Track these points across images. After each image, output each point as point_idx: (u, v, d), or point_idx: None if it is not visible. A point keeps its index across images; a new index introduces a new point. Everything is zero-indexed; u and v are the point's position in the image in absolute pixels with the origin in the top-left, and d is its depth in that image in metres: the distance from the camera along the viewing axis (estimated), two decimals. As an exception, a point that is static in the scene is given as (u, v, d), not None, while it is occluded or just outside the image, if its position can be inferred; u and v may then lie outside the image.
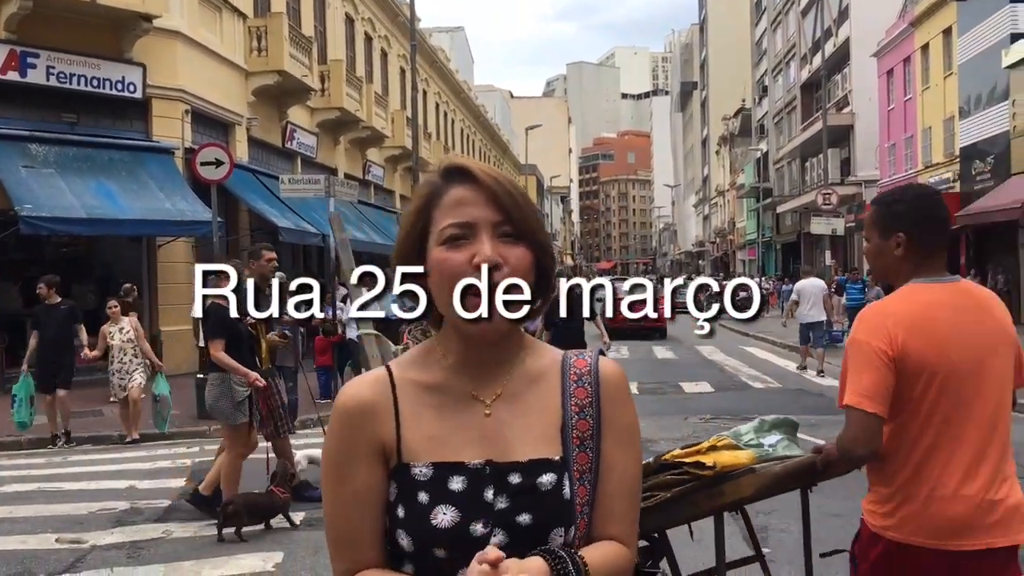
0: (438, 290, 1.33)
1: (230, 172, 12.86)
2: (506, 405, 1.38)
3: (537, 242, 1.34)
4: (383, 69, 32.89)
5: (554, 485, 1.34)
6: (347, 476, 1.36)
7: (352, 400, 1.38)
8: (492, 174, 1.35)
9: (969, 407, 2.48)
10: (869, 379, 2.47)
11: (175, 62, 17.23)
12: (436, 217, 1.34)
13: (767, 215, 57.15)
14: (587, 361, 1.43)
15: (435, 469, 1.34)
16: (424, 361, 1.42)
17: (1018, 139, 25.06)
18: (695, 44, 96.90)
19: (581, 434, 1.38)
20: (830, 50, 40.40)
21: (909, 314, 2.52)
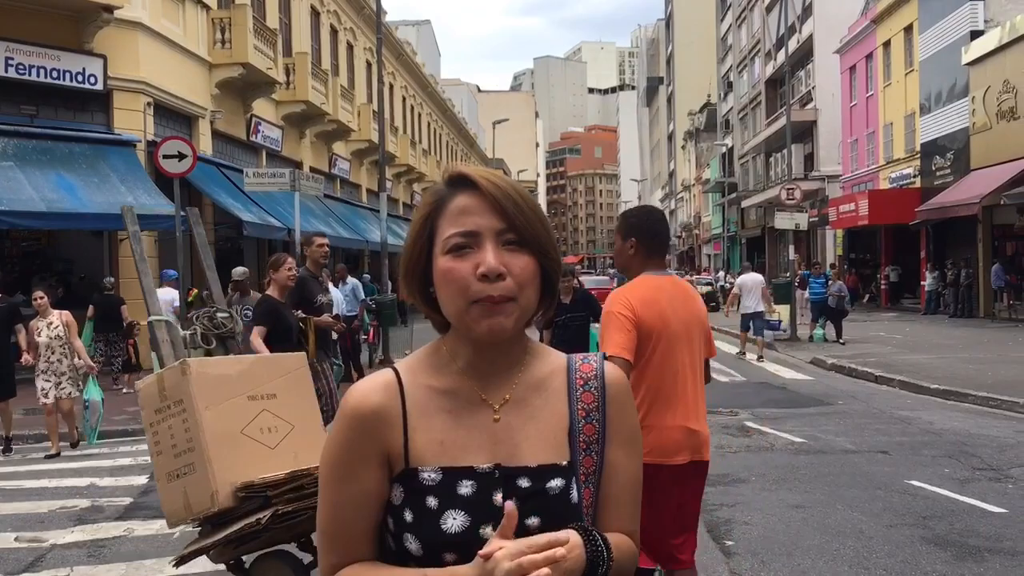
0: (445, 298, 1.34)
1: (193, 165, 12.69)
2: (514, 410, 1.39)
3: (541, 249, 1.35)
4: (349, 62, 32.68)
5: (562, 489, 1.36)
6: (349, 478, 1.36)
7: (361, 405, 1.37)
8: (494, 181, 1.35)
9: (681, 362, 3.60)
10: (622, 337, 3.48)
11: (137, 54, 17.00)
12: (441, 226, 1.35)
13: (732, 210, 57.57)
14: (593, 366, 1.46)
15: (444, 474, 1.34)
16: (433, 364, 1.42)
17: (977, 135, 25.47)
18: (661, 39, 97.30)
19: (588, 438, 1.40)
20: (794, 46, 40.77)
21: (642, 294, 3.62)
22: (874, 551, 5.61)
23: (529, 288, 1.33)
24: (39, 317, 9.71)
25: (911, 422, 10.28)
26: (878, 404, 11.73)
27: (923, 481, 7.34)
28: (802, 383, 14.28)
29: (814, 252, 40.80)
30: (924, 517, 6.33)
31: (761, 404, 11.95)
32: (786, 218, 21.82)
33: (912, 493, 7.00)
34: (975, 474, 7.63)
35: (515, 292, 1.31)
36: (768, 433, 9.79)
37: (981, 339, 19.24)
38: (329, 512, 1.38)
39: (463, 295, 1.30)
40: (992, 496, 6.86)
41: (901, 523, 6.21)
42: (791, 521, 6.33)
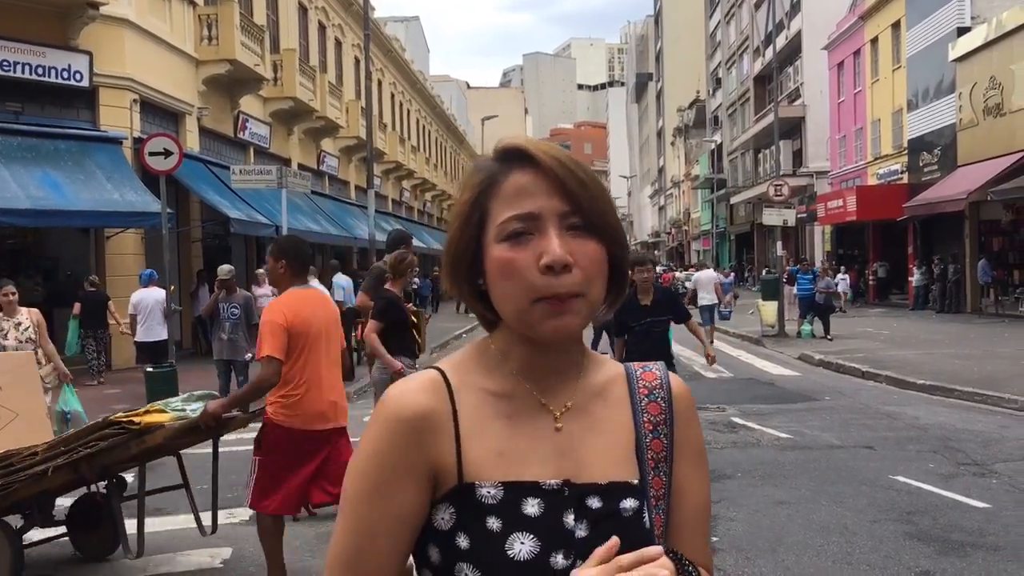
0: (501, 292, 1.16)
1: (179, 162, 12.62)
2: (576, 419, 1.21)
3: (611, 235, 1.17)
4: (337, 59, 32.61)
5: (635, 511, 1.18)
6: (383, 495, 1.15)
7: (406, 407, 1.16)
8: (555, 155, 1.16)
9: (323, 353, 4.84)
10: (276, 341, 4.63)
11: (123, 50, 16.92)
12: (493, 209, 1.17)
13: (721, 206, 57.70)
14: (656, 374, 1.29)
15: (506, 490, 1.14)
16: (483, 364, 1.23)
17: (964, 131, 25.57)
18: (650, 36, 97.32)
19: (655, 455, 1.23)
20: (782, 43, 40.85)
21: (292, 304, 4.77)
22: (858, 546, 5.63)
23: (598, 281, 1.16)
24: (3, 316, 8.21)
25: (897, 417, 10.32)
26: (864, 400, 11.78)
27: (908, 476, 7.37)
28: (789, 379, 14.32)
29: (802, 248, 40.92)
30: (908, 512, 6.36)
31: (748, 400, 11.98)
32: (774, 214, 21.87)
33: (897, 488, 7.03)
34: (959, 469, 7.67)
35: (583, 287, 1.13)
36: (755, 429, 9.82)
37: (968, 334, 19.33)
38: (350, 538, 1.16)
39: (525, 291, 1.12)
40: (976, 491, 6.89)
41: (885, 518, 6.23)
42: (776, 517, 6.35)
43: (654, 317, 7.40)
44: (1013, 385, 11.70)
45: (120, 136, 16.73)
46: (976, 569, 5.20)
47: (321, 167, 29.33)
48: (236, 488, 7.74)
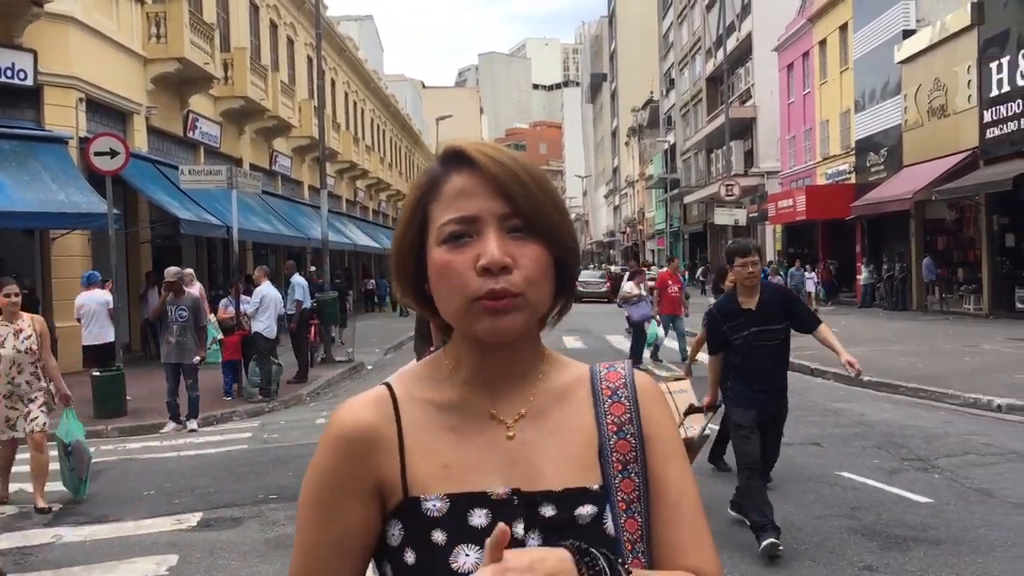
0: (441, 296, 1.14)
1: (126, 163, 12.44)
2: (532, 426, 1.18)
3: (555, 237, 1.14)
4: (290, 58, 32.31)
5: (594, 518, 1.13)
6: (331, 514, 1.14)
7: (350, 425, 1.16)
8: (495, 157, 1.14)
9: None
10: None
11: (68, 48, 16.61)
12: (434, 211, 1.15)
13: (675, 205, 58.22)
14: (621, 373, 1.25)
15: (451, 502, 1.12)
16: (432, 375, 1.22)
17: (910, 132, 26.08)
18: (604, 36, 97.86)
19: (622, 457, 1.18)
20: (733, 44, 41.35)
21: None
22: (803, 542, 5.73)
23: (541, 284, 1.12)
24: (2, 320, 7.28)
25: (843, 414, 10.50)
26: (813, 396, 11.96)
27: (853, 472, 7.50)
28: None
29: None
30: (853, 508, 6.48)
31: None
32: (726, 214, 22.17)
33: (842, 484, 7.16)
34: (903, 464, 7.82)
35: (522, 288, 1.10)
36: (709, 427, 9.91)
37: (913, 332, 19.71)
38: (302, 555, 1.16)
39: (461, 292, 1.10)
40: (919, 486, 7.03)
41: (830, 514, 6.34)
42: (724, 515, 6.42)
43: (762, 326, 5.69)
44: (956, 381, 11.96)
45: (66, 136, 16.42)
46: (917, 563, 5.31)
47: (273, 167, 29.05)
48: (184, 494, 7.67)
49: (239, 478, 8.18)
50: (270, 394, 13.16)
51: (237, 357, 13.49)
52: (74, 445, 7.34)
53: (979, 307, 23.01)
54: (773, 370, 5.83)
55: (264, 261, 22.81)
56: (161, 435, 10.97)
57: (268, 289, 13.47)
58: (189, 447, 10.13)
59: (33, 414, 7.30)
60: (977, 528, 5.94)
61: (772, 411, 5.99)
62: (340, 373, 16.21)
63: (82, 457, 7.43)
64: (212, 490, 7.77)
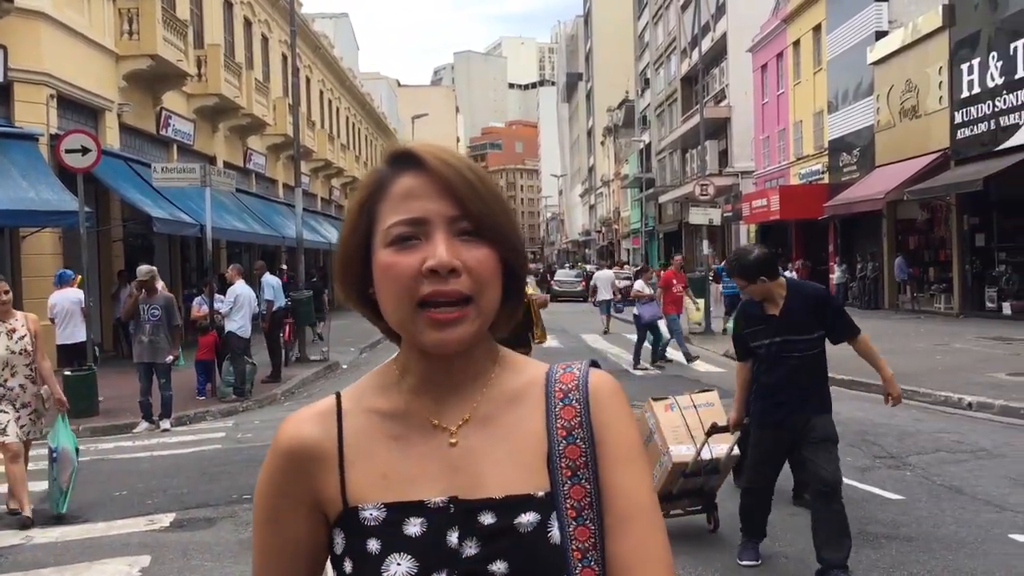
0: (386, 300, 1.12)
1: (98, 160, 12.31)
2: (477, 431, 1.16)
3: (504, 240, 1.12)
4: (264, 55, 32.12)
5: (536, 526, 1.10)
6: (276, 522, 1.17)
7: (290, 440, 1.17)
8: (444, 158, 1.12)
9: None
10: None
11: (39, 44, 16.41)
12: (382, 213, 1.13)
13: (650, 205, 58.39)
14: (575, 374, 1.19)
15: (388, 511, 1.12)
16: (382, 384, 1.20)
17: (882, 133, 26.33)
18: (580, 36, 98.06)
19: (572, 462, 1.13)
20: (708, 45, 41.51)
21: None
22: (776, 539, 5.76)
23: (490, 287, 1.10)
24: None
25: (817, 412, 10.56)
26: (787, 395, 12.03)
27: (826, 470, 7.55)
28: (715, 375, 14.57)
29: (728, 247, 41.66)
30: (826, 505, 6.52)
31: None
32: (700, 213, 22.25)
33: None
34: (875, 462, 7.90)
35: (472, 291, 1.08)
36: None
37: (886, 330, 19.86)
38: (257, 558, 1.20)
39: (408, 296, 1.08)
40: (891, 483, 7.10)
41: (803, 512, 6.37)
42: (695, 515, 6.45)
43: (787, 335, 5.00)
44: (928, 380, 12.09)
45: (36, 133, 16.22)
46: (890, 560, 5.36)
47: (248, 165, 28.86)
48: (156, 494, 7.61)
49: (212, 478, 8.13)
50: (244, 393, 13.08)
51: (210, 357, 13.39)
52: (59, 451, 6.72)
53: (950, 306, 23.27)
54: (803, 384, 5.03)
55: (238, 260, 22.66)
56: (133, 435, 10.88)
57: (242, 288, 13.38)
58: (162, 447, 10.05)
59: (22, 420, 6.78)
60: (948, 525, 6.01)
61: (798, 424, 5.08)
62: (315, 372, 16.14)
63: (66, 466, 6.77)
64: (185, 490, 7.71)
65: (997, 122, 20.40)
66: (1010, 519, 6.13)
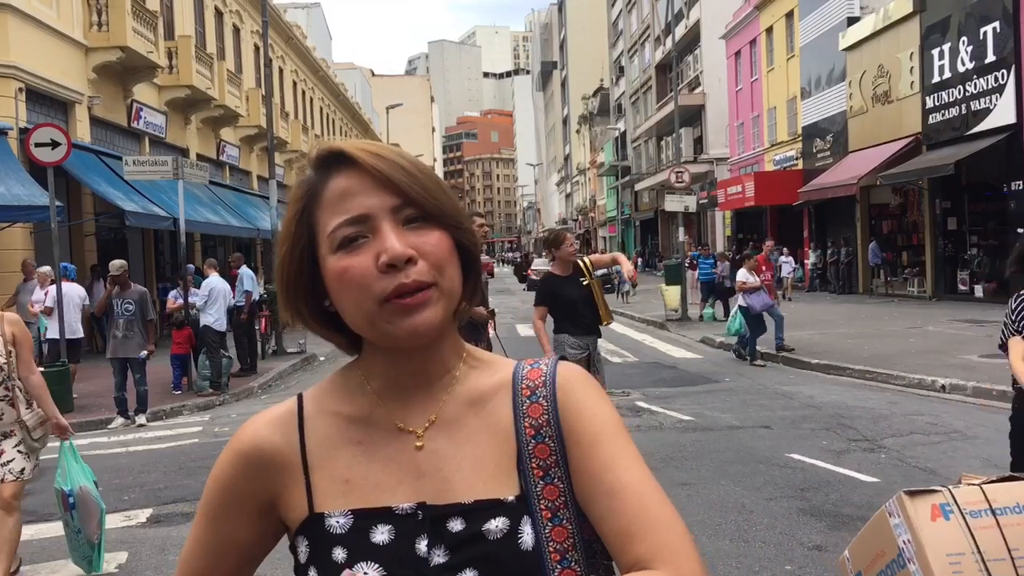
0: (346, 306, 1.07)
1: (68, 153, 12.15)
2: (443, 434, 1.12)
3: (451, 220, 1.09)
4: (236, 46, 31.82)
5: (507, 532, 1.06)
6: (220, 521, 1.15)
7: (245, 441, 1.14)
8: (373, 151, 1.09)
9: None
10: None
11: (6, 37, 16.18)
12: (321, 219, 1.08)
13: (626, 192, 58.55)
14: (542, 370, 1.15)
15: (355, 518, 1.08)
16: (345, 386, 1.16)
17: (854, 118, 26.50)
18: (554, 24, 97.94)
19: (542, 462, 1.09)
20: (681, 32, 41.59)
21: None
22: (754, 524, 5.81)
23: (449, 268, 1.08)
24: None
25: (793, 397, 10.67)
26: (763, 380, 12.14)
27: (802, 454, 7.63)
28: (692, 362, 14.66)
29: (704, 233, 41.85)
30: (802, 489, 6.59)
31: (652, 384, 12.22)
32: (676, 200, 22.32)
33: (792, 466, 7.28)
34: (851, 445, 7.97)
35: (434, 275, 1.05)
36: (657, 412, 10.03)
37: (860, 314, 20.08)
38: (187, 546, 1.18)
39: (368, 296, 1.04)
40: (866, 466, 7.17)
41: (781, 496, 6.44)
42: (677, 498, 6.49)
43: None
44: (901, 362, 12.22)
45: (5, 127, 16.00)
46: (864, 541, 5.42)
47: (221, 157, 28.62)
48: (133, 490, 7.56)
49: (189, 473, 8.08)
50: (221, 387, 13.01)
51: (186, 351, 13.30)
52: (78, 495, 5.19)
53: (923, 290, 23.50)
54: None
55: (213, 253, 22.50)
56: (109, 430, 10.79)
57: (216, 281, 13.30)
58: (138, 442, 9.98)
59: (7, 455, 4.98)
60: (922, 506, 6.07)
61: None
62: (292, 364, 16.08)
63: (90, 511, 5.22)
64: (162, 485, 7.67)
65: (968, 106, 20.58)
66: (983, 499, 6.20)
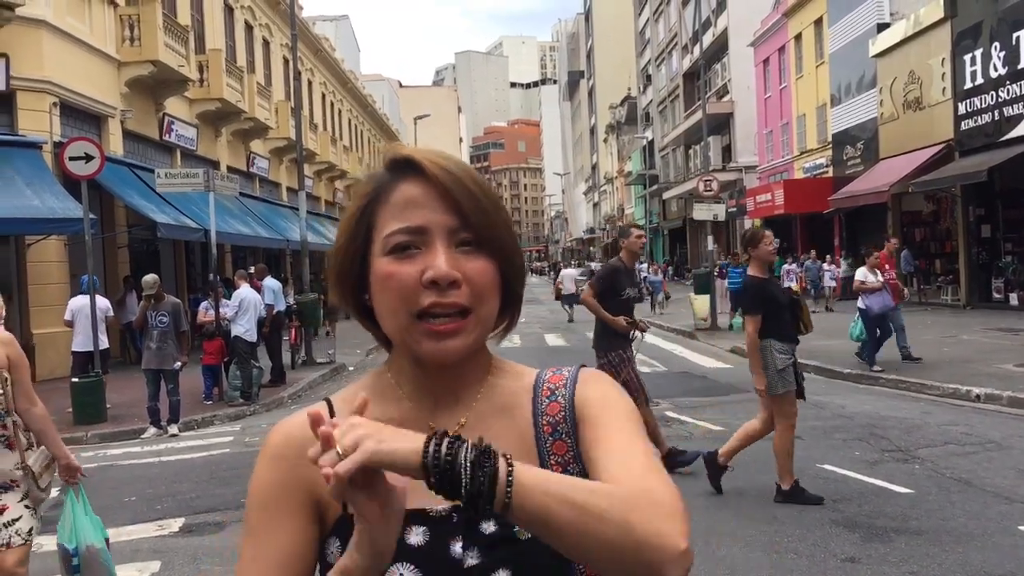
0: (383, 309, 1.10)
1: (101, 167, 12.32)
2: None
3: (502, 251, 1.11)
4: (265, 59, 32.15)
5: None
6: (270, 528, 1.11)
7: (279, 438, 1.15)
8: (446, 167, 1.10)
9: None
10: None
11: (41, 52, 16.46)
12: (381, 220, 1.11)
13: (654, 201, 58.39)
14: (564, 376, 1.18)
15: None
16: (375, 390, 1.18)
17: (885, 125, 26.26)
18: (581, 34, 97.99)
19: (561, 459, 1.12)
20: (709, 40, 41.50)
21: None
22: (786, 535, 5.75)
23: (490, 298, 1.10)
24: None
25: (824, 406, 10.55)
26: (794, 390, 12.00)
27: (834, 464, 7.55)
28: (721, 371, 14.56)
29: (733, 242, 41.59)
30: (834, 500, 6.51)
31: (682, 393, 12.14)
32: (704, 209, 22.21)
33: (824, 477, 7.20)
34: (884, 456, 7.88)
35: (471, 303, 1.07)
36: (687, 422, 9.96)
37: (892, 323, 19.82)
38: (245, 564, 1.12)
39: (406, 306, 1.07)
40: (899, 477, 7.08)
41: (812, 506, 6.37)
42: (707, 509, 6.45)
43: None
44: (935, 372, 12.07)
45: (40, 141, 16.26)
46: (900, 554, 5.35)
47: (251, 169, 28.90)
48: (165, 500, 7.62)
49: (221, 482, 8.14)
50: (251, 397, 13.09)
51: (217, 361, 13.40)
52: (84, 555, 4.20)
53: (956, 298, 23.20)
54: None
55: (243, 264, 22.67)
56: (142, 440, 10.90)
57: (247, 292, 13.40)
58: (170, 452, 10.07)
59: (10, 513, 3.93)
60: (957, 518, 5.99)
61: None
62: (322, 375, 16.15)
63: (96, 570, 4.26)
64: (194, 495, 7.72)
65: (1000, 112, 20.33)
66: (1020, 511, 6.11)
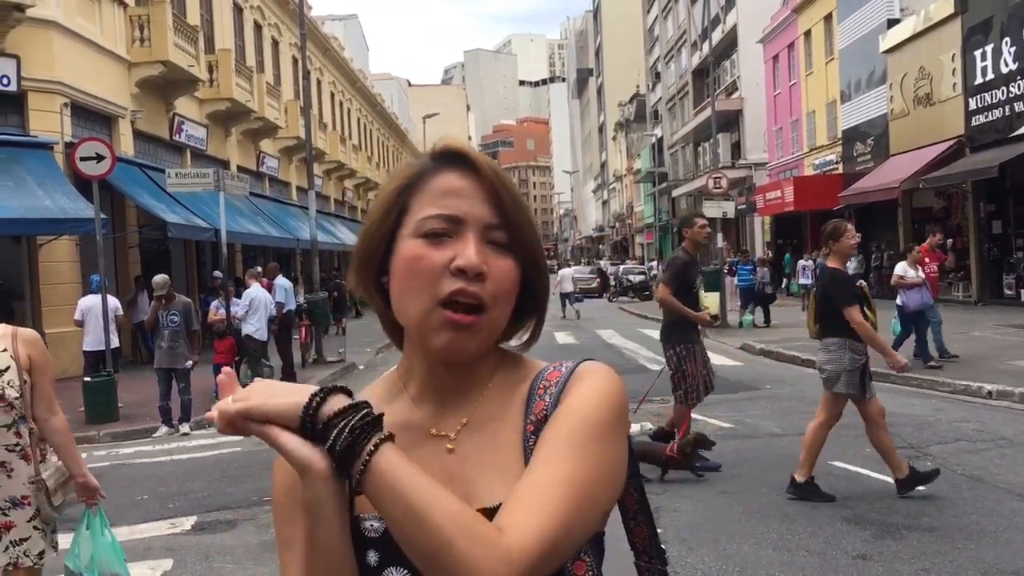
0: (404, 290, 1.09)
1: (112, 167, 12.38)
2: (473, 437, 1.13)
3: (530, 257, 1.12)
4: (275, 58, 32.22)
5: None
6: (291, 538, 1.11)
7: None
8: (494, 167, 1.12)
9: None
10: None
11: (51, 53, 16.53)
12: (417, 203, 1.11)
13: (663, 199, 58.27)
14: (561, 372, 1.15)
15: None
16: (382, 394, 1.18)
17: (896, 121, 26.15)
18: (590, 31, 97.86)
19: None
20: (718, 37, 41.40)
21: None
22: (797, 532, 5.75)
23: (506, 301, 1.10)
24: None
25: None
26: (804, 387, 11.97)
27: (845, 462, 7.53)
28: (731, 369, 14.53)
29: (743, 239, 41.51)
30: (846, 497, 6.50)
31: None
32: (714, 206, 22.16)
33: (835, 474, 7.18)
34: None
35: (490, 299, 1.07)
36: (697, 420, 9.92)
37: (903, 320, 19.74)
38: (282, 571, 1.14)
39: (429, 291, 1.06)
40: (911, 474, 7.05)
41: (824, 504, 6.36)
42: (718, 507, 6.45)
43: None
44: (947, 369, 12.02)
45: (51, 141, 16.35)
46: (911, 551, 5.33)
47: (261, 168, 28.99)
48: (177, 498, 7.66)
49: (233, 481, 8.17)
50: (262, 396, 13.12)
51: (228, 360, 13.44)
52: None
53: (968, 294, 23.09)
54: None
55: (253, 263, 22.75)
56: (154, 439, 10.95)
57: (257, 291, 13.45)
58: (182, 451, 10.11)
59: (18, 532, 3.50)
60: (969, 515, 5.97)
61: None
62: (332, 374, 16.18)
63: None
64: (206, 493, 7.76)
65: (1011, 108, 20.23)
66: (1032, 507, 6.09)
